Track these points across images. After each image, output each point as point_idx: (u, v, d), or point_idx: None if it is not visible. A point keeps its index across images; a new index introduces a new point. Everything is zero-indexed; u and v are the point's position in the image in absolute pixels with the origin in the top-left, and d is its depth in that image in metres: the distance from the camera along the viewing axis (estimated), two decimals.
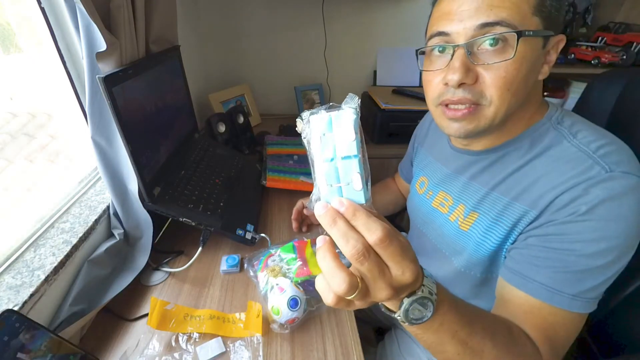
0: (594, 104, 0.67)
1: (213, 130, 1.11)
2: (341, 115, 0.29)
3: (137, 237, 0.72)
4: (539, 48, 0.45)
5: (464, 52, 0.45)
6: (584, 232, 0.42)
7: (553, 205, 0.45)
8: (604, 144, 0.45)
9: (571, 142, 0.47)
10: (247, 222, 0.78)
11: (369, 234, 0.27)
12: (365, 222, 0.27)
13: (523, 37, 0.42)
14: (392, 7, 1.46)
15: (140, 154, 0.65)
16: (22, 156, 0.70)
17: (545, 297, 0.44)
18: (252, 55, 1.52)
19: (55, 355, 0.46)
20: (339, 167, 0.29)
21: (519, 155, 0.51)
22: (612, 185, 0.42)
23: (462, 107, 0.48)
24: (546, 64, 0.48)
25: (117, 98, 0.58)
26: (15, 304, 0.49)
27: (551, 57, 0.47)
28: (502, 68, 0.44)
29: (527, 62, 0.44)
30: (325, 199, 0.30)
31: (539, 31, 0.44)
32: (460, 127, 0.50)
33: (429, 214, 0.66)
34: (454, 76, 0.45)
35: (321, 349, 0.56)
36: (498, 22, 0.42)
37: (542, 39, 0.45)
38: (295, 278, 0.62)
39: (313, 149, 0.30)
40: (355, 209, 0.28)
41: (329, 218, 0.28)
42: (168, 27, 0.81)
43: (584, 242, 0.42)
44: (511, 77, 0.44)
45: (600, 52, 1.48)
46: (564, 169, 0.45)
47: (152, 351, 0.55)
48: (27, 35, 0.72)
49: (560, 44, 0.47)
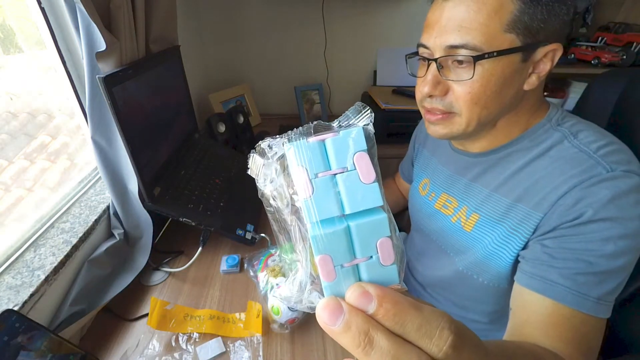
0: (594, 104, 0.67)
1: (213, 130, 1.11)
2: (348, 139, 0.17)
3: (137, 237, 0.72)
4: (515, 62, 0.45)
5: (435, 67, 0.47)
6: (601, 231, 0.41)
7: (558, 206, 0.44)
8: (605, 144, 0.45)
9: (572, 142, 0.47)
10: (247, 222, 0.78)
11: (438, 340, 0.15)
12: (421, 321, 0.16)
13: (485, 59, 0.43)
14: (392, 7, 1.46)
15: (140, 154, 0.65)
16: (22, 156, 0.70)
17: (570, 302, 0.42)
18: (252, 55, 1.52)
19: (55, 355, 0.46)
20: (353, 231, 0.17)
21: (519, 156, 0.51)
22: (616, 184, 0.41)
23: (437, 113, 0.51)
24: (535, 74, 0.46)
25: (117, 98, 0.58)
26: (15, 304, 0.49)
27: (543, 66, 0.46)
28: (468, 84, 0.46)
29: (496, 79, 0.45)
30: (330, 290, 0.17)
31: (507, 50, 0.43)
32: (436, 131, 0.53)
33: (432, 215, 0.66)
34: (424, 88, 0.49)
35: (321, 349, 0.56)
36: (462, 45, 0.44)
37: (521, 53, 0.44)
38: None
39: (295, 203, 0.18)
40: (396, 301, 0.16)
41: (355, 330, 0.16)
42: (168, 27, 0.81)
43: (602, 242, 0.41)
44: (478, 93, 0.46)
45: (600, 52, 1.48)
46: (565, 169, 0.45)
47: (152, 351, 0.55)
48: (27, 35, 0.72)
49: (557, 53, 0.45)
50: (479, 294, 0.58)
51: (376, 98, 1.37)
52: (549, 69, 0.46)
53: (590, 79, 0.71)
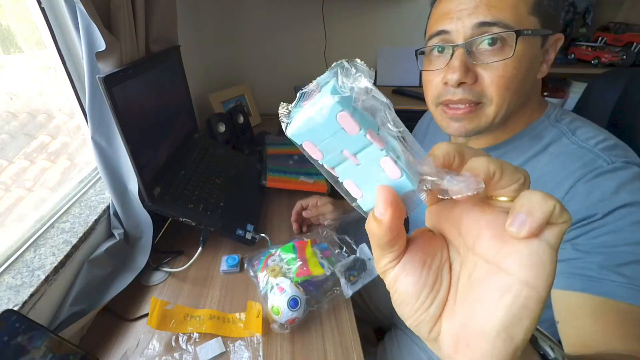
0: (594, 104, 0.67)
1: (213, 130, 1.11)
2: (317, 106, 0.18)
3: (137, 237, 0.72)
4: (537, 47, 0.45)
5: (463, 51, 0.45)
6: (624, 218, 0.39)
7: (565, 203, 0.43)
8: (602, 140, 0.45)
9: (570, 139, 0.47)
10: (247, 222, 0.78)
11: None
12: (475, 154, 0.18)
13: (521, 37, 0.42)
14: (392, 7, 1.46)
15: (140, 154, 0.65)
16: (22, 156, 0.70)
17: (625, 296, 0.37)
18: (252, 55, 1.52)
19: (55, 355, 0.46)
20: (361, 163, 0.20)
21: (519, 152, 0.51)
22: (618, 174, 0.41)
23: (462, 106, 0.48)
24: (545, 63, 0.48)
25: (117, 98, 0.58)
26: (15, 304, 0.49)
27: (550, 55, 0.47)
28: (501, 67, 0.44)
29: (526, 61, 0.44)
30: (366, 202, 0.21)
31: (536, 30, 0.44)
32: (461, 127, 0.49)
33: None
34: (453, 75, 0.45)
35: (321, 349, 0.56)
36: (495, 23, 0.43)
37: (540, 38, 0.45)
38: (295, 278, 0.62)
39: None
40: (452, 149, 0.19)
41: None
42: (168, 27, 0.81)
43: (631, 228, 0.39)
44: (510, 76, 0.44)
45: (600, 52, 1.48)
46: (566, 164, 0.45)
47: (152, 351, 0.55)
48: (27, 35, 0.72)
49: (559, 43, 0.47)
50: None
51: None
52: (552, 59, 0.47)
53: (590, 79, 0.71)
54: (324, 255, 0.69)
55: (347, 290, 0.60)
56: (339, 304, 0.63)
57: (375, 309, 0.88)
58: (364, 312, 0.88)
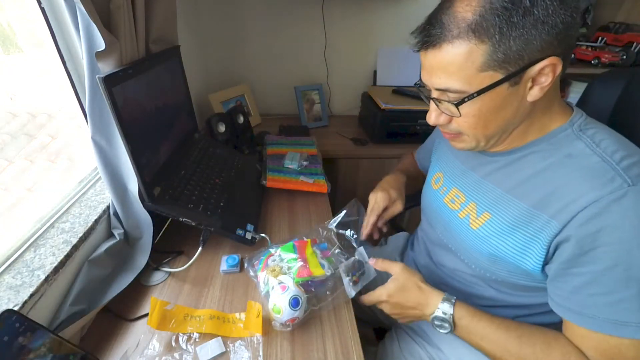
0: (594, 104, 0.67)
1: (213, 130, 1.11)
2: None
3: (137, 237, 0.72)
4: (503, 91, 0.45)
5: (433, 102, 0.51)
6: (631, 239, 0.41)
7: (577, 220, 0.43)
8: (627, 155, 0.44)
9: (594, 150, 0.46)
10: (247, 222, 0.78)
11: None
12: None
13: (466, 102, 0.46)
14: (392, 7, 1.46)
15: (140, 154, 0.65)
16: (22, 156, 0.70)
17: (610, 330, 0.43)
18: (252, 55, 1.52)
19: (55, 355, 0.46)
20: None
21: (537, 158, 0.51)
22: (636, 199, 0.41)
23: (448, 134, 0.56)
24: (536, 87, 0.45)
25: (117, 98, 0.58)
26: (15, 304, 0.49)
27: (545, 78, 0.45)
28: (463, 117, 0.49)
29: (487, 109, 0.47)
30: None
31: (488, 87, 0.44)
32: (455, 145, 0.57)
33: (439, 208, 0.67)
34: (429, 120, 0.54)
35: (321, 349, 0.56)
36: (446, 89, 0.47)
37: (507, 82, 0.44)
38: (296, 279, 0.62)
39: None
40: None
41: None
42: (168, 27, 0.81)
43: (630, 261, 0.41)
44: (474, 122, 0.49)
45: (600, 52, 1.48)
46: (586, 179, 0.44)
47: (152, 351, 0.55)
48: (27, 36, 0.72)
49: (557, 67, 0.44)
50: (489, 288, 0.60)
51: (376, 98, 1.36)
52: (552, 80, 0.45)
53: (590, 79, 0.71)
54: (324, 255, 0.69)
55: (350, 290, 0.61)
56: (339, 304, 0.63)
57: (375, 309, 0.87)
58: (364, 312, 0.88)
